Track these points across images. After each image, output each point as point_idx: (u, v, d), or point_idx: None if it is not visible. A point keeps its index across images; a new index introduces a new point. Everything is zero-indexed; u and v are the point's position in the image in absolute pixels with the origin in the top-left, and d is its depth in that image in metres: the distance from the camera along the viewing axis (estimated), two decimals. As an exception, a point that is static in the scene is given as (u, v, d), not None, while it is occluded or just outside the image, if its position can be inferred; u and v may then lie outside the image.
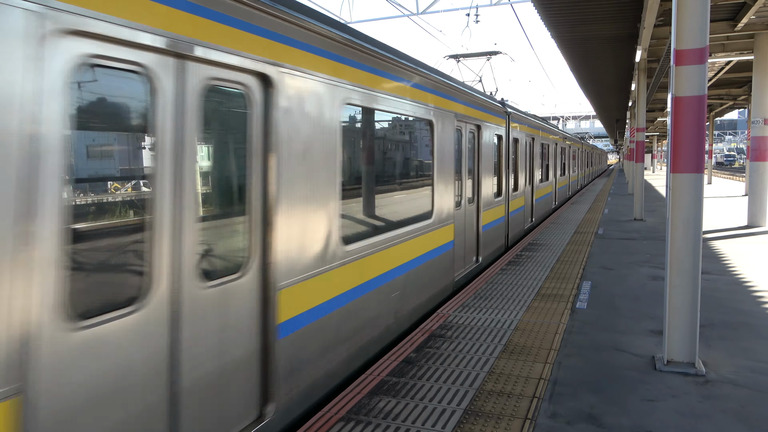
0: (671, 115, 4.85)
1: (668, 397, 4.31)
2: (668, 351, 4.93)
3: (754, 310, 6.64)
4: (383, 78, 5.54)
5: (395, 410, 4.10)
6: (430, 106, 6.95)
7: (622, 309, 6.79)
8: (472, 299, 7.23)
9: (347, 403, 4.20)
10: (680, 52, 4.77)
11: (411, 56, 6.58)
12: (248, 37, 3.52)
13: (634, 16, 13.55)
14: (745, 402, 4.21)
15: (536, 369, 4.88)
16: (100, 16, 2.47)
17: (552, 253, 10.68)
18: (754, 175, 14.49)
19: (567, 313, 6.61)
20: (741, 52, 15.99)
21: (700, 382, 4.60)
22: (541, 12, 13.45)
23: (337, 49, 4.61)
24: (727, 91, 26.26)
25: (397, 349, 5.37)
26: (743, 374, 4.74)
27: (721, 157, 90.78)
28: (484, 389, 4.45)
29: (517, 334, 5.82)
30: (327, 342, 4.52)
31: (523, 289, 7.80)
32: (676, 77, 4.80)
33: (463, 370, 4.86)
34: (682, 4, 4.73)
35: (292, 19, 3.96)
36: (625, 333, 5.88)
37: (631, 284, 8.11)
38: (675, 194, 4.87)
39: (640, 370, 4.85)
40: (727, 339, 5.65)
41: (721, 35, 14.73)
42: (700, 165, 4.80)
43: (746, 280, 8.20)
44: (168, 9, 2.87)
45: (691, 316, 4.85)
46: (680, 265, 4.88)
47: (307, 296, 4.23)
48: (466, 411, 4.07)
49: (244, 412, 3.60)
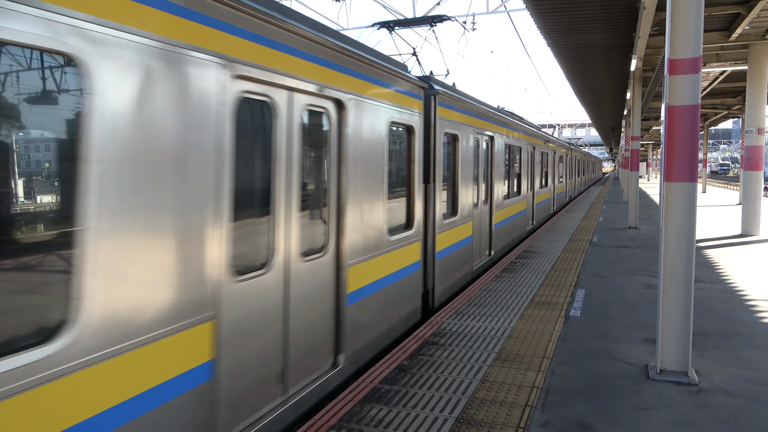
0: (665, 124, 4.86)
1: (661, 407, 4.29)
2: (661, 360, 4.92)
3: (748, 319, 6.64)
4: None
5: (387, 418, 4.07)
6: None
7: (616, 317, 6.79)
8: (466, 306, 7.21)
9: (339, 411, 4.17)
10: (674, 62, 4.79)
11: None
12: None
13: (629, 26, 13.64)
14: (738, 412, 4.20)
15: (529, 377, 4.86)
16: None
17: (547, 261, 10.68)
18: (748, 184, 14.56)
19: (561, 320, 6.60)
20: (735, 62, 16.11)
21: (693, 391, 4.59)
22: (537, 20, 13.53)
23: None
24: (721, 100, 26.42)
25: (390, 357, 5.34)
26: (736, 384, 4.74)
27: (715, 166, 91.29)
28: (477, 397, 4.43)
29: (510, 342, 5.80)
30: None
31: (518, 296, 7.79)
32: (670, 86, 4.82)
33: (456, 377, 4.84)
34: (676, 14, 4.76)
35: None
36: (618, 341, 5.87)
37: (625, 292, 8.11)
38: (668, 203, 4.88)
39: (633, 379, 4.84)
40: (720, 348, 5.65)
41: (716, 45, 14.84)
42: (693, 174, 4.81)
43: (740, 289, 8.22)
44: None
45: (684, 325, 4.85)
46: (673, 274, 4.88)
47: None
48: (459, 419, 4.05)
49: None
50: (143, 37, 2.83)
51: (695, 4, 4.69)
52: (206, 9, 3.26)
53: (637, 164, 17.36)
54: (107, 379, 2.66)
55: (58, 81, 2.54)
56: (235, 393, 3.64)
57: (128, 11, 2.75)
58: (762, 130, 14.43)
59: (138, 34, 2.80)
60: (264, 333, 3.96)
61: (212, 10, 3.31)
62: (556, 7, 12.53)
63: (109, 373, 2.66)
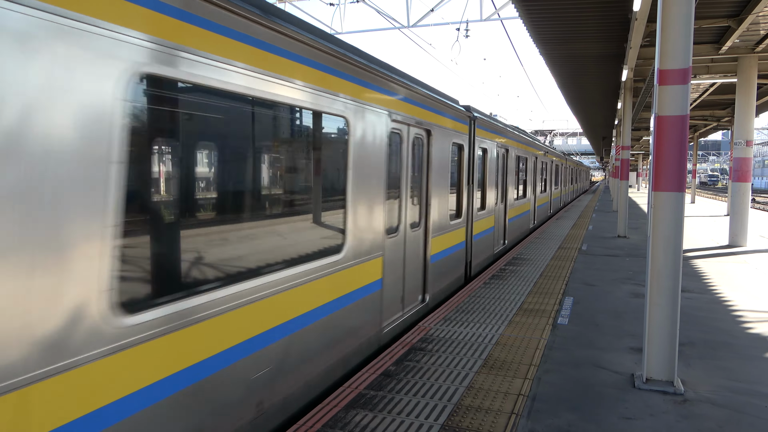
0: (654, 134, 4.89)
1: (646, 416, 4.29)
2: (647, 369, 4.92)
3: (734, 330, 6.67)
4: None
5: (372, 424, 4.03)
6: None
7: (604, 326, 6.80)
8: (454, 312, 7.20)
9: (323, 417, 4.13)
10: (664, 72, 4.82)
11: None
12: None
13: (621, 36, 13.74)
14: (723, 422, 4.21)
15: (515, 385, 4.84)
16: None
17: (536, 268, 10.70)
18: (736, 196, 14.68)
19: (548, 328, 6.60)
20: (725, 74, 16.26)
21: (678, 401, 4.60)
22: (530, 29, 13.59)
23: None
24: (711, 112, 26.67)
25: (377, 362, 5.31)
26: (721, 394, 4.75)
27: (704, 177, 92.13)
28: (463, 404, 4.41)
29: (497, 349, 5.79)
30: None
31: (506, 303, 7.79)
32: (659, 97, 4.84)
33: (442, 384, 4.82)
34: (667, 25, 4.79)
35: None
36: (605, 350, 5.87)
37: (613, 301, 8.13)
38: (656, 212, 4.89)
39: (619, 388, 4.84)
40: (706, 358, 5.67)
41: (706, 57, 14.98)
42: (681, 184, 4.83)
43: (726, 299, 8.26)
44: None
45: (671, 335, 4.86)
46: (660, 283, 4.89)
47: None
48: (444, 426, 4.02)
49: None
50: (375, 109, 5.68)
51: (685, 16, 4.72)
52: (382, 83, 5.87)
53: (626, 173, 17.46)
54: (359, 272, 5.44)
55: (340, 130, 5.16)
56: (388, 299, 6.33)
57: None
58: (750, 142, 14.57)
59: (374, 108, 5.67)
60: (397, 269, 6.61)
61: (386, 84, 5.97)
62: (549, 16, 12.60)
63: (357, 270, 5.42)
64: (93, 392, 2.55)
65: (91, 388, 2.54)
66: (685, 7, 4.72)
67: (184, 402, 3.15)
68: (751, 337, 6.40)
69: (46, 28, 2.30)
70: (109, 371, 2.64)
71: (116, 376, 2.68)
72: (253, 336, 3.75)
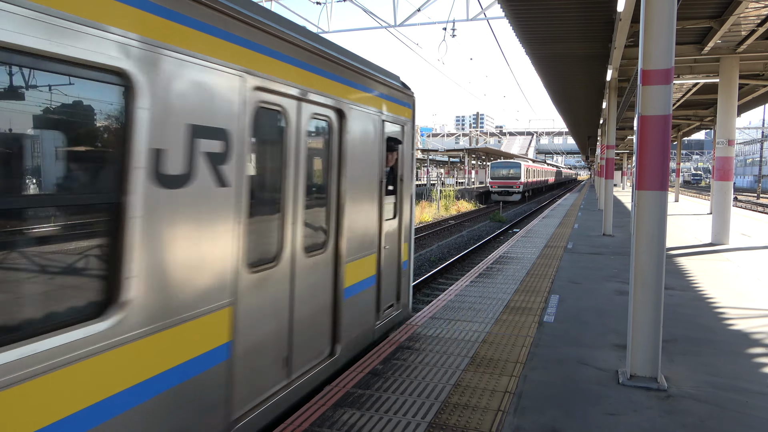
0: (637, 134, 4.95)
1: (630, 412, 4.35)
2: (631, 366, 4.99)
3: (716, 326, 6.78)
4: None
5: (359, 423, 4.04)
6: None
7: (589, 323, 6.87)
8: (442, 311, 7.23)
9: (311, 416, 4.14)
10: (647, 72, 4.88)
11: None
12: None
13: (605, 37, 13.87)
14: (705, 417, 4.28)
15: (502, 382, 4.88)
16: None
17: (522, 267, 10.77)
18: (718, 194, 14.87)
19: (535, 326, 6.65)
20: (707, 74, 16.49)
21: (662, 396, 4.66)
22: (516, 29, 13.68)
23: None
24: (694, 111, 27.02)
25: (364, 361, 5.32)
26: (704, 389, 4.82)
27: (688, 176, 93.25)
28: (450, 402, 4.43)
29: (484, 347, 5.82)
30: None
31: (493, 301, 7.84)
32: (643, 96, 4.90)
33: (429, 382, 4.84)
34: (649, 26, 4.85)
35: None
36: (590, 347, 5.93)
37: (598, 299, 8.21)
38: (640, 211, 4.96)
39: (603, 384, 4.90)
40: (689, 354, 5.75)
41: (689, 58, 15.17)
42: (664, 182, 4.89)
43: (709, 297, 8.38)
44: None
45: (654, 331, 4.93)
46: (644, 280, 4.95)
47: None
48: (431, 424, 4.04)
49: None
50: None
51: (667, 17, 4.79)
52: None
53: (611, 172, 17.65)
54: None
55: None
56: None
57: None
58: (732, 141, 14.77)
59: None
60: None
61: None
62: (535, 16, 12.69)
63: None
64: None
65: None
66: (668, 8, 4.78)
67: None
68: (733, 333, 6.50)
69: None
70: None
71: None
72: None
